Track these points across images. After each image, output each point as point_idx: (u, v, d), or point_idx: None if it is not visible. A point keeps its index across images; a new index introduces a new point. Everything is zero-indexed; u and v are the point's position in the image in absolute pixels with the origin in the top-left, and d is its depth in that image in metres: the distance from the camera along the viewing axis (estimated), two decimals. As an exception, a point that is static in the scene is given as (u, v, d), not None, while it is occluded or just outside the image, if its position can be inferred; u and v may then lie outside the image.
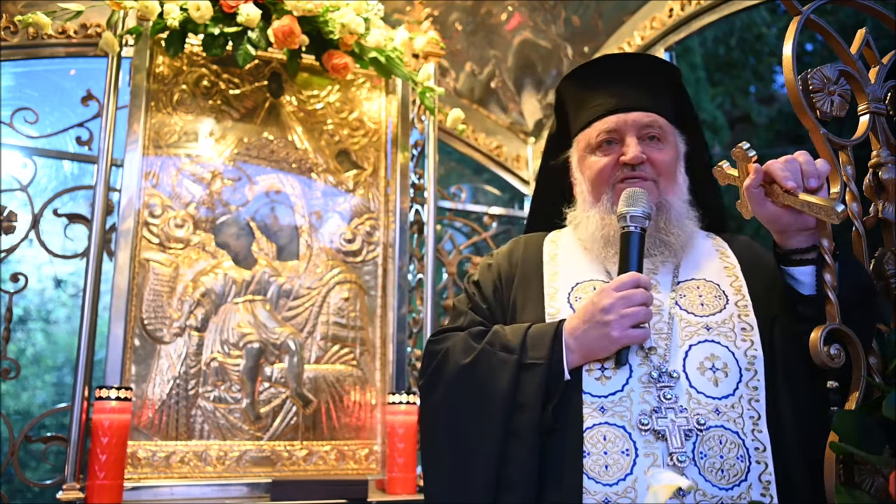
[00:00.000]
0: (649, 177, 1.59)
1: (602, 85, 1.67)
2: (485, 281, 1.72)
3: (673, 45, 3.04)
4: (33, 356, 3.97)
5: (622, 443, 1.40)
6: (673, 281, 1.57)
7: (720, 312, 1.50)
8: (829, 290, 1.32)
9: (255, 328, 2.74)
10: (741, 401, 1.40)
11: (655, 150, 1.60)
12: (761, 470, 1.36)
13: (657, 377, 1.43)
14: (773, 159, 1.37)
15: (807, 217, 1.34)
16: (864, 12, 1.57)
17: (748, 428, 1.38)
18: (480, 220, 3.62)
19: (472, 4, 3.28)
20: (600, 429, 1.41)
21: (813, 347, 1.29)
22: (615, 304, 1.43)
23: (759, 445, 1.37)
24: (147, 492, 2.48)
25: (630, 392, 1.43)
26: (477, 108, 3.70)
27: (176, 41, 2.64)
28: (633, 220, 1.49)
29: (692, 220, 1.63)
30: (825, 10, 1.49)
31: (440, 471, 1.53)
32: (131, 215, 2.62)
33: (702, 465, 1.36)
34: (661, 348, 1.46)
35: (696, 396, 1.41)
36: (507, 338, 1.53)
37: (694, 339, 1.47)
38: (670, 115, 1.67)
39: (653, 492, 1.06)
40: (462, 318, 1.69)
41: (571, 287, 1.60)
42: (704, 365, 1.44)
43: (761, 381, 1.41)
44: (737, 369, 1.43)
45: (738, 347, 1.45)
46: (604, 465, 1.38)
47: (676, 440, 1.37)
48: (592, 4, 3.21)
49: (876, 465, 1.22)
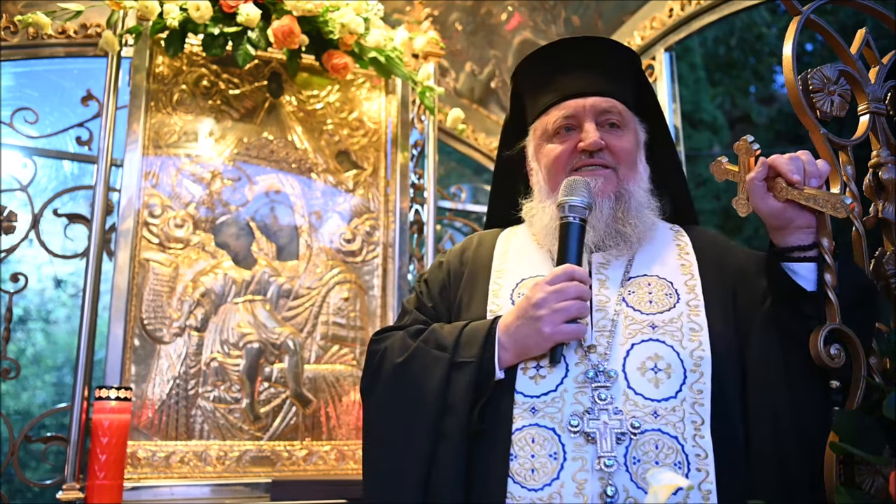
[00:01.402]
0: (609, 164, 1.52)
1: (559, 70, 1.59)
2: (433, 280, 1.67)
3: (673, 45, 3.04)
4: (33, 356, 3.97)
5: (550, 445, 1.32)
6: (624, 276, 1.50)
7: (669, 311, 1.42)
8: (829, 289, 1.32)
9: (254, 328, 2.74)
10: (683, 404, 1.32)
11: (614, 137, 1.53)
12: (701, 478, 1.28)
13: (593, 376, 1.36)
14: (778, 154, 1.36)
15: (808, 214, 1.34)
16: (864, 12, 1.57)
17: (689, 433, 1.30)
18: (480, 220, 3.62)
19: (472, 4, 3.28)
20: (529, 430, 1.35)
21: (813, 347, 1.29)
22: (547, 298, 1.37)
23: (700, 452, 1.29)
24: (147, 492, 2.48)
25: (563, 392, 1.36)
26: (477, 108, 3.70)
27: (176, 41, 2.64)
28: (572, 210, 1.43)
29: (652, 211, 1.55)
30: (825, 10, 1.49)
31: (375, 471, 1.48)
32: (131, 215, 2.62)
33: (634, 470, 1.28)
34: (602, 346, 1.39)
35: (634, 398, 1.33)
36: (443, 336, 1.47)
37: (637, 337, 1.39)
38: (630, 102, 1.60)
39: (653, 492, 1.06)
40: (407, 316, 1.64)
41: (516, 283, 1.54)
42: (646, 365, 1.36)
43: (707, 384, 1.33)
44: (681, 371, 1.35)
45: (685, 348, 1.37)
46: (530, 468, 1.32)
47: (606, 443, 1.29)
48: (592, 4, 3.21)
49: (876, 465, 1.22)
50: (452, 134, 3.47)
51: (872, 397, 1.29)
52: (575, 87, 1.56)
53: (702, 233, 1.61)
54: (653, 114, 1.68)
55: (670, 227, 1.62)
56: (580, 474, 1.30)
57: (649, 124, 1.65)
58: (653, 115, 1.68)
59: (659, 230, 1.58)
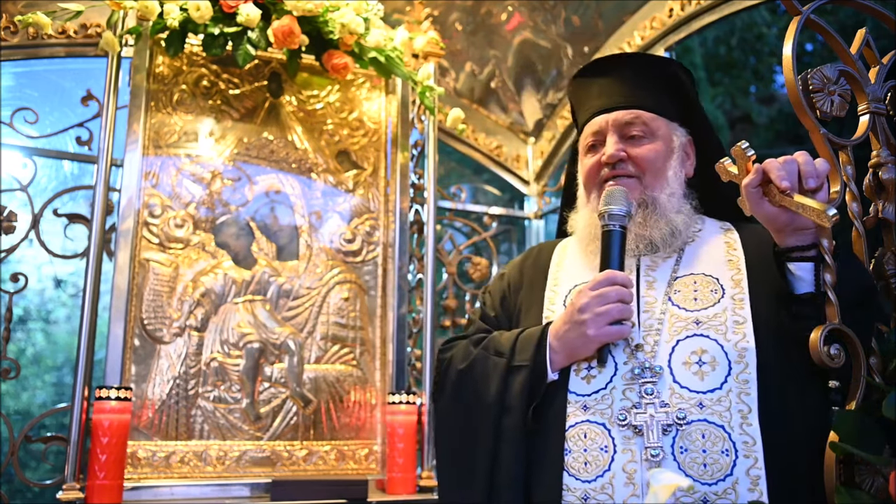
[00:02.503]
0: (632, 174, 1.60)
1: (594, 87, 1.70)
2: (495, 291, 1.78)
3: (673, 45, 3.03)
4: (33, 356, 3.97)
5: (601, 439, 1.41)
6: (671, 276, 1.56)
7: (713, 306, 1.48)
8: (829, 289, 1.32)
9: (255, 328, 2.74)
10: (730, 394, 1.37)
11: (636, 147, 1.61)
12: (750, 464, 1.32)
13: (639, 373, 1.43)
14: (772, 158, 1.37)
15: (803, 218, 1.34)
16: (864, 12, 1.57)
17: (736, 421, 1.35)
18: (480, 220, 3.62)
19: (472, 4, 3.28)
20: (582, 427, 1.44)
21: (813, 347, 1.29)
22: (590, 303, 1.46)
23: (748, 439, 1.34)
24: (147, 492, 2.48)
25: (612, 389, 1.44)
26: (477, 108, 3.70)
27: (176, 41, 2.64)
28: (612, 219, 1.51)
29: (686, 214, 1.61)
30: (825, 10, 1.49)
31: (448, 472, 1.60)
32: (131, 215, 2.62)
33: (682, 459, 1.35)
34: (649, 345, 1.46)
35: (680, 391, 1.40)
36: (501, 342, 1.58)
37: (682, 334, 1.46)
38: (663, 109, 1.65)
39: (653, 492, 1.06)
40: (472, 326, 1.77)
41: (569, 290, 1.63)
42: (691, 359, 1.43)
43: (752, 374, 1.38)
44: (726, 363, 1.40)
45: (729, 340, 1.42)
46: (583, 461, 1.41)
47: (653, 435, 1.37)
48: (592, 4, 3.21)
49: (876, 465, 1.22)
50: (452, 134, 3.47)
51: (872, 397, 1.29)
52: (600, 103, 1.66)
53: (752, 229, 1.64)
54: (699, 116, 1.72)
55: (720, 225, 1.66)
56: (630, 465, 1.37)
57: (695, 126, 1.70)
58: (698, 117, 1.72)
59: (706, 229, 1.64)
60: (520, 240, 3.81)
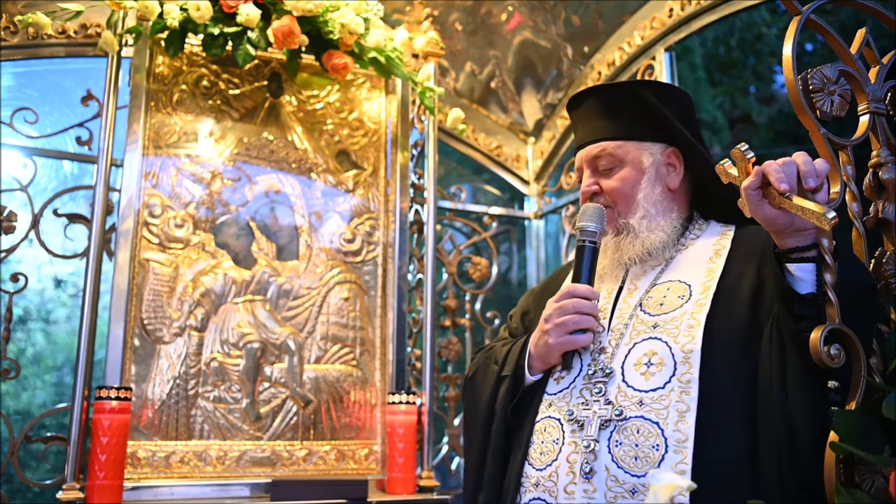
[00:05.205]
0: (607, 204, 1.70)
1: (576, 122, 1.81)
2: (521, 304, 1.94)
3: (673, 45, 3.03)
4: (33, 356, 3.97)
5: (555, 433, 1.55)
6: (651, 283, 1.64)
7: (675, 311, 1.55)
8: (829, 289, 1.32)
9: (254, 328, 2.75)
10: (671, 393, 1.45)
11: (606, 179, 1.70)
12: (678, 459, 1.40)
13: (593, 374, 1.55)
14: (772, 160, 1.36)
15: (802, 219, 1.34)
16: (864, 12, 1.57)
17: (672, 419, 1.43)
18: (480, 220, 3.62)
19: (472, 4, 3.28)
20: (544, 421, 1.59)
21: (813, 347, 1.29)
22: (552, 314, 1.60)
23: (680, 436, 1.41)
24: (147, 492, 2.48)
25: (573, 389, 1.58)
26: (477, 108, 3.70)
27: (176, 41, 2.64)
28: (584, 234, 1.64)
29: (661, 230, 1.67)
30: (825, 10, 1.49)
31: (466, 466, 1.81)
32: (131, 215, 2.62)
33: (616, 452, 1.45)
34: (612, 348, 1.58)
35: (626, 390, 1.50)
36: (499, 353, 1.75)
37: (640, 337, 1.55)
38: (631, 132, 1.69)
39: (653, 492, 1.06)
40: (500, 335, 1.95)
41: None
42: (641, 361, 1.52)
43: (695, 375, 1.45)
44: (672, 364, 1.48)
45: (678, 343, 1.49)
46: (540, 452, 1.57)
47: (591, 428, 1.49)
48: (592, 4, 3.21)
49: (876, 465, 1.22)
50: (452, 134, 3.47)
51: (872, 397, 1.29)
52: (577, 139, 1.79)
53: (749, 232, 1.65)
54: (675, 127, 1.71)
55: (722, 228, 1.69)
56: (572, 455, 1.50)
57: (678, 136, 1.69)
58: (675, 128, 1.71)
59: (705, 234, 1.70)
60: (520, 240, 3.81)
